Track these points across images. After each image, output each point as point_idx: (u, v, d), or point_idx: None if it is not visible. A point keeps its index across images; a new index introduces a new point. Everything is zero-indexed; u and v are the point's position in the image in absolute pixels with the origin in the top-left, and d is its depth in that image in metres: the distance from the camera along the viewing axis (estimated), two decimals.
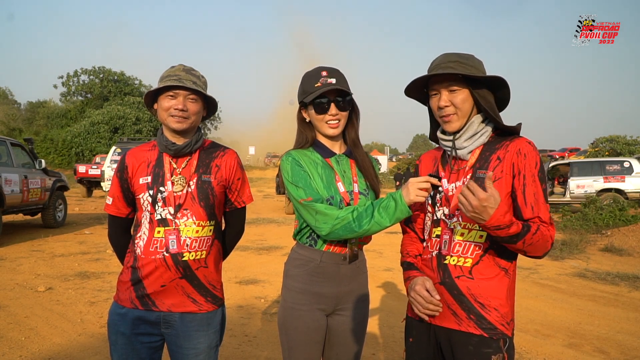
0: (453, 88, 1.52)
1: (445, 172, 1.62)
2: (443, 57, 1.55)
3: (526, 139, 1.52)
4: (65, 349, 3.59)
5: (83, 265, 6.48)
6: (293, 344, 1.74)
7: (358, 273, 1.79)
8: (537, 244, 1.43)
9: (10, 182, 8.11)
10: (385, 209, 1.56)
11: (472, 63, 1.53)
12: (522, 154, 1.48)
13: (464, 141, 1.56)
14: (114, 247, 1.91)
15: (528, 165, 1.47)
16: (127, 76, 41.54)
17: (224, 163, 1.83)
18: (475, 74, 1.50)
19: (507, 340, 1.49)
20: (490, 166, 1.51)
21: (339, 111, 1.73)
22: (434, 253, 1.59)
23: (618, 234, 8.82)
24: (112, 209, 1.83)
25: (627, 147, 22.55)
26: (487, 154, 1.54)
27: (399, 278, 6.08)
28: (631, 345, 3.85)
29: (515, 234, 1.39)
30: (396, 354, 3.58)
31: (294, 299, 1.74)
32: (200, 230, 1.75)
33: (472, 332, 1.49)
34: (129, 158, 1.79)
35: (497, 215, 1.34)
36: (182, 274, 1.72)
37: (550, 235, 1.45)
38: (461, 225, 1.53)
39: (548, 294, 5.40)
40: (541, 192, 1.48)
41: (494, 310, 1.49)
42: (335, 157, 1.79)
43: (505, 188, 1.49)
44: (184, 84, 1.68)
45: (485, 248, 1.51)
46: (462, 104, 1.52)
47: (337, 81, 1.72)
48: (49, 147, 33.25)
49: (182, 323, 1.74)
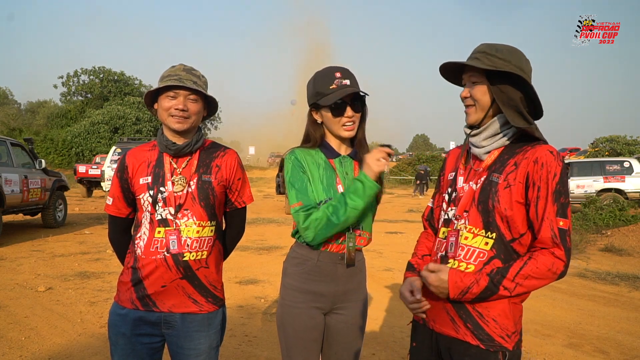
0: (474, 79, 1.48)
1: (465, 170, 1.57)
2: (477, 47, 1.49)
3: (548, 147, 1.41)
4: (65, 349, 3.59)
5: (83, 265, 6.48)
6: (291, 342, 1.74)
7: (356, 273, 1.79)
8: (532, 281, 1.36)
9: (11, 182, 8.11)
10: (355, 193, 1.63)
11: (502, 55, 1.42)
12: (539, 163, 1.38)
13: (483, 140, 1.49)
14: (114, 248, 1.91)
15: (544, 177, 1.37)
16: (127, 76, 41.56)
17: (224, 163, 1.82)
18: (497, 66, 1.41)
19: (506, 354, 1.42)
20: (505, 170, 1.43)
21: (355, 113, 1.73)
22: (440, 254, 1.55)
23: (618, 234, 8.82)
24: (112, 209, 1.83)
25: (627, 147, 22.57)
26: (506, 157, 1.46)
27: (399, 278, 6.08)
28: (631, 345, 3.85)
29: (484, 289, 1.37)
30: (396, 353, 3.58)
31: (291, 297, 1.75)
32: (201, 230, 1.74)
33: (469, 342, 1.43)
34: (129, 158, 1.79)
35: (453, 286, 1.40)
36: (183, 275, 1.72)
37: (551, 262, 1.35)
38: (466, 229, 1.47)
39: (548, 294, 5.40)
40: (552, 209, 1.36)
41: (492, 321, 1.42)
42: (339, 159, 1.79)
43: (516, 197, 1.40)
44: (184, 84, 1.68)
45: (490, 257, 1.43)
46: (481, 97, 1.47)
47: (350, 82, 1.72)
48: (49, 147, 33.26)
49: (183, 323, 1.74)
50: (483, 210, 1.44)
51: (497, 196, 1.42)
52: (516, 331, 1.45)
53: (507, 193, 1.41)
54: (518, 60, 1.44)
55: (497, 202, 1.41)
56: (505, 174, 1.43)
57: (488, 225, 1.43)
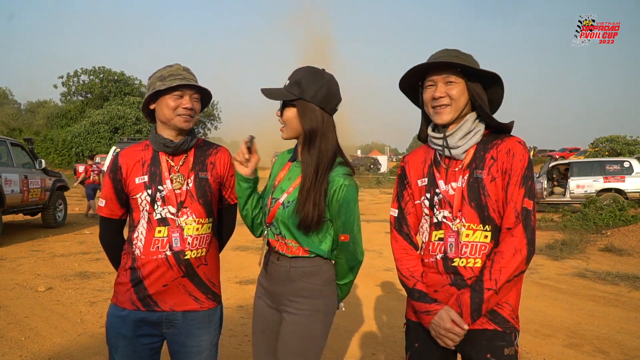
0: (450, 79, 1.53)
1: (440, 174, 1.60)
2: (443, 51, 1.57)
3: (517, 138, 1.53)
4: (65, 349, 3.59)
5: (83, 265, 6.48)
6: (252, 330, 1.89)
7: (292, 279, 1.71)
8: (506, 270, 1.44)
9: (11, 182, 8.12)
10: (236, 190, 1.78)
11: (471, 60, 1.54)
12: (511, 153, 1.49)
13: (458, 140, 1.55)
14: (107, 250, 1.88)
15: (515, 165, 1.48)
16: (127, 76, 41.56)
17: (218, 160, 1.84)
18: (475, 67, 1.52)
19: (516, 334, 1.52)
20: (485, 165, 1.52)
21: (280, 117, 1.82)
22: (439, 256, 1.56)
23: (618, 234, 8.81)
24: (105, 211, 1.80)
25: (627, 147, 22.59)
26: (482, 153, 1.54)
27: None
28: (631, 345, 3.85)
29: (471, 299, 1.46)
30: (396, 353, 3.58)
31: (257, 287, 1.89)
32: (200, 227, 1.75)
33: (486, 328, 1.50)
34: (122, 158, 1.77)
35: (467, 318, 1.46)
36: (184, 273, 1.72)
37: (512, 245, 1.44)
38: (465, 227, 1.52)
39: (548, 294, 5.40)
40: (520, 192, 1.47)
41: (507, 304, 1.51)
42: (296, 162, 1.77)
43: (501, 187, 1.50)
44: (191, 83, 1.70)
45: (490, 248, 1.51)
46: (459, 97, 1.53)
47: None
48: (49, 147, 33.26)
49: (185, 322, 1.75)
50: (477, 206, 1.51)
51: (486, 191, 1.50)
52: (518, 313, 1.56)
53: (493, 186, 1.50)
54: (479, 66, 1.55)
55: (488, 196, 1.50)
56: (487, 168, 1.51)
57: (484, 219, 1.51)
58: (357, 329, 4.13)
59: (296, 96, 1.64)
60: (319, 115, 1.65)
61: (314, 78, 1.66)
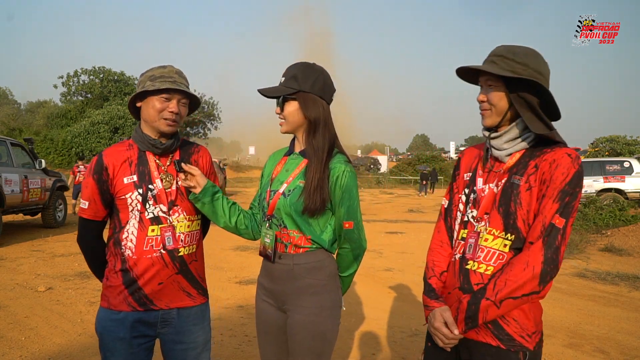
0: (490, 84, 1.46)
1: (482, 172, 1.55)
2: (495, 49, 1.47)
3: (568, 150, 1.40)
4: (65, 349, 3.59)
5: (83, 265, 6.47)
6: (257, 330, 1.88)
7: (295, 277, 1.72)
8: (511, 283, 1.36)
9: (11, 182, 8.12)
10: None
11: (520, 59, 1.41)
12: (555, 164, 1.38)
13: (504, 143, 1.48)
14: (86, 253, 1.81)
15: (555, 177, 1.37)
16: (127, 76, 41.52)
17: (200, 159, 1.88)
18: (516, 72, 1.39)
19: (526, 353, 1.41)
20: (526, 172, 1.42)
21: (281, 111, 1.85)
22: (457, 256, 1.53)
23: (618, 234, 8.82)
24: (88, 212, 1.74)
25: (627, 147, 22.56)
26: (527, 160, 1.45)
27: (399, 278, 6.08)
28: (631, 345, 3.85)
29: (467, 307, 1.42)
30: (396, 353, 3.58)
31: (258, 288, 1.88)
32: (190, 224, 1.79)
33: (489, 343, 1.43)
34: (107, 158, 1.72)
35: (460, 324, 1.43)
36: (179, 270, 1.75)
37: (524, 260, 1.36)
38: (487, 231, 1.46)
39: (548, 294, 5.39)
40: (553, 207, 1.35)
41: (513, 321, 1.42)
42: (293, 155, 1.80)
43: (537, 198, 1.40)
44: (181, 88, 1.69)
45: (508, 258, 1.42)
46: (497, 102, 1.45)
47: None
48: (49, 147, 33.23)
49: (180, 319, 1.77)
50: (504, 212, 1.43)
51: (519, 198, 1.41)
52: (537, 331, 1.45)
53: (528, 195, 1.40)
54: (537, 64, 1.42)
55: (519, 204, 1.41)
56: (527, 175, 1.42)
57: (508, 228, 1.43)
58: (357, 329, 4.13)
59: (296, 89, 1.70)
60: (319, 104, 1.72)
61: (308, 71, 1.72)
